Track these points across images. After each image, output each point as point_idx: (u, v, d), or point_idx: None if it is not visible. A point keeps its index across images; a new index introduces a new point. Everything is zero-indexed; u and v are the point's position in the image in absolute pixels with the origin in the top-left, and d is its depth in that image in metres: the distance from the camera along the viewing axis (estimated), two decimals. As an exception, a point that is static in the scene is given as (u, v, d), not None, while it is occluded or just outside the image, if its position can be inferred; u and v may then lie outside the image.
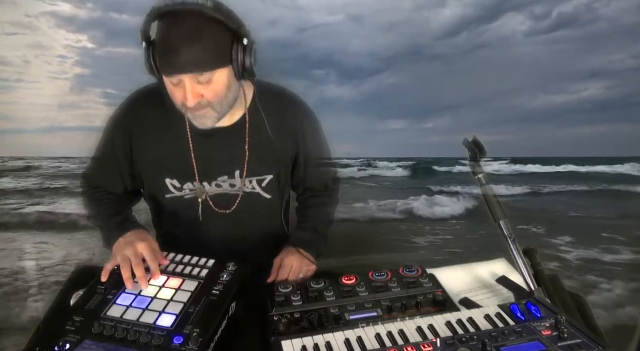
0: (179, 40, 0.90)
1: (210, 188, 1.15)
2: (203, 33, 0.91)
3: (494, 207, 1.02)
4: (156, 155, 1.12)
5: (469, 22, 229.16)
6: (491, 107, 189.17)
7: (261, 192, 1.18)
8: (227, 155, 1.13)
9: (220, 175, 1.14)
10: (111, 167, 1.16)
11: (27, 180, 14.33)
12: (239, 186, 1.15)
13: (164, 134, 1.12)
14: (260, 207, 1.20)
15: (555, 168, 21.73)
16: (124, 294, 0.91)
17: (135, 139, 1.12)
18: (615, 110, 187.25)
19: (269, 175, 1.17)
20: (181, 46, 0.90)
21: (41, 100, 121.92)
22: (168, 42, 0.91)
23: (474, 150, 1.07)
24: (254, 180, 1.16)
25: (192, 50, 0.91)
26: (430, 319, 0.85)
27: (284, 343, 0.80)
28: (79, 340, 0.79)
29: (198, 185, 1.13)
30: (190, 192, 1.15)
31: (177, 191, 1.15)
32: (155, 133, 1.12)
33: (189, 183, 1.14)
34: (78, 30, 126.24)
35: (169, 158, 1.12)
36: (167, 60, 0.93)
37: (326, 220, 1.30)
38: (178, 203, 1.16)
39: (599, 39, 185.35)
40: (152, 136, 1.12)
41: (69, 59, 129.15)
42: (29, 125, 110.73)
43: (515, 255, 1.00)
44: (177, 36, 0.90)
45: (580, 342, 0.76)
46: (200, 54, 0.92)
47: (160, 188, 1.15)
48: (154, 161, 1.13)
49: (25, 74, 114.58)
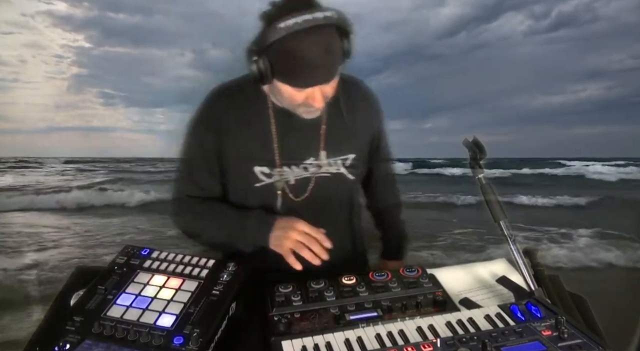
0: (316, 57, 0.92)
1: (298, 171, 1.17)
2: (334, 45, 0.94)
3: (494, 207, 1.02)
4: (244, 145, 1.15)
5: (467, 22, 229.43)
6: (490, 107, 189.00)
7: (345, 172, 1.20)
8: (311, 137, 1.16)
9: (307, 158, 1.17)
10: (208, 169, 1.17)
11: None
12: (325, 167, 1.18)
13: (249, 125, 1.14)
14: (343, 189, 1.24)
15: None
16: (123, 294, 0.91)
17: (224, 134, 1.14)
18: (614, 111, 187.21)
19: (351, 154, 1.20)
20: (318, 63, 0.93)
21: (38, 99, 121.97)
22: (308, 58, 0.92)
23: (474, 150, 1.07)
24: (338, 160, 1.19)
25: (328, 64, 0.95)
26: (430, 319, 0.85)
27: (284, 343, 0.80)
28: (79, 340, 0.79)
29: (287, 170, 1.16)
30: (280, 177, 1.17)
31: (267, 178, 1.16)
32: (242, 124, 1.14)
33: (278, 168, 1.16)
34: (74, 29, 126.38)
35: (256, 146, 1.15)
36: (304, 75, 0.95)
37: (403, 225, 1.42)
38: (268, 190, 1.17)
39: (599, 39, 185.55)
40: (240, 127, 1.14)
41: (65, 58, 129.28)
42: (26, 125, 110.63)
43: (515, 255, 1.00)
44: (314, 53, 0.91)
45: (580, 342, 0.76)
46: (333, 65, 0.97)
47: (249, 178, 1.16)
48: (242, 152, 1.15)
49: (22, 73, 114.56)
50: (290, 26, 0.88)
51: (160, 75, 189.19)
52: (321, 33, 0.91)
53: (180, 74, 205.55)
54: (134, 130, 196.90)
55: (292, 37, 0.89)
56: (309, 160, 1.17)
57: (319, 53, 0.92)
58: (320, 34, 0.91)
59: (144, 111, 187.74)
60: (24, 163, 23.11)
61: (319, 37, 0.91)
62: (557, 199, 10.56)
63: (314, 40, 0.91)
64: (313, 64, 0.93)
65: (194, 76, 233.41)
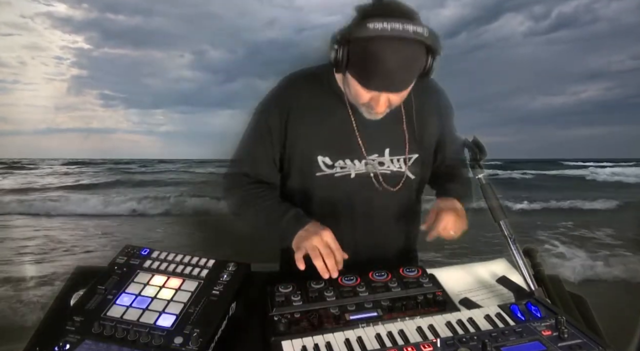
0: (391, 66, 0.93)
1: (359, 165, 1.18)
2: (416, 60, 0.96)
3: (494, 206, 1.02)
4: (311, 132, 1.16)
5: (468, 22, 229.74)
6: (490, 107, 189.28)
7: (407, 172, 1.21)
8: (378, 134, 1.17)
9: (371, 154, 1.17)
10: (269, 150, 1.19)
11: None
12: (387, 165, 1.19)
13: (320, 113, 1.16)
14: (407, 187, 1.22)
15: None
16: (123, 294, 0.91)
17: (292, 118, 1.15)
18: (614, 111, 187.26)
19: (414, 154, 1.20)
20: (395, 71, 0.94)
21: (38, 101, 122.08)
22: (384, 64, 0.93)
23: (474, 150, 1.07)
24: (401, 159, 1.19)
25: (404, 75, 0.97)
26: (430, 319, 0.85)
27: (284, 343, 0.80)
28: (79, 340, 0.79)
29: (349, 163, 1.16)
30: (341, 170, 1.17)
31: (328, 168, 1.17)
32: (312, 112, 1.16)
33: (340, 161, 1.16)
34: (74, 30, 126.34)
35: (322, 135, 1.16)
36: (376, 79, 0.97)
37: (466, 178, 1.27)
38: (328, 181, 1.18)
39: (599, 40, 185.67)
40: (309, 114, 1.16)
41: (65, 60, 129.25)
42: (26, 126, 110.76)
43: (515, 255, 1.00)
44: (391, 62, 0.93)
45: (580, 342, 0.76)
46: (408, 78, 0.99)
47: (311, 166, 1.17)
48: (308, 139, 1.16)
49: (22, 75, 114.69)
50: (379, 30, 0.90)
51: (160, 77, 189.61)
52: (405, 46, 0.92)
53: (180, 75, 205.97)
54: (134, 132, 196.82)
55: (376, 40, 0.91)
56: (373, 156, 1.17)
57: (396, 63, 0.93)
58: (404, 47, 0.92)
59: (144, 112, 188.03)
60: (24, 165, 23.12)
61: (402, 48, 0.92)
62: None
63: (395, 50, 0.92)
64: (387, 72, 0.94)
65: (193, 77, 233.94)
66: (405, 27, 0.90)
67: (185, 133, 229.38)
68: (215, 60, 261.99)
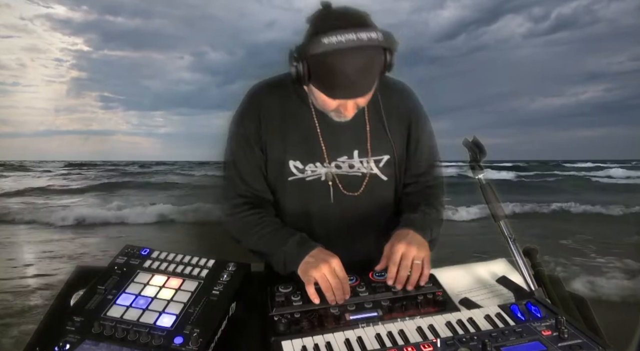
0: (353, 75, 0.94)
1: (329, 169, 1.18)
2: (375, 64, 0.97)
3: (494, 206, 1.03)
4: (281, 138, 1.17)
5: (467, 24, 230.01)
6: (489, 109, 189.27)
7: (379, 173, 1.20)
8: (346, 136, 1.17)
9: (340, 156, 1.18)
10: (255, 162, 1.18)
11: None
12: (357, 166, 1.19)
13: (287, 118, 1.17)
14: (379, 189, 1.22)
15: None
16: (123, 294, 0.91)
17: (263, 126, 1.17)
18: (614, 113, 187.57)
19: (385, 155, 1.20)
20: (354, 80, 0.95)
21: (37, 103, 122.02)
22: (345, 75, 0.94)
23: (474, 151, 1.07)
24: (371, 161, 1.19)
25: (365, 81, 0.98)
26: (430, 319, 0.85)
27: (284, 343, 0.80)
28: (78, 340, 0.79)
29: (319, 166, 1.17)
30: (312, 174, 1.18)
31: (300, 173, 1.18)
32: (280, 118, 1.17)
33: (311, 165, 1.17)
34: (73, 32, 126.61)
35: (292, 140, 1.16)
36: (340, 89, 0.98)
37: (436, 203, 1.23)
38: (300, 185, 1.18)
39: (598, 41, 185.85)
40: (277, 121, 1.17)
41: (64, 62, 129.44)
42: (26, 128, 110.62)
43: (515, 255, 1.00)
44: (351, 71, 0.93)
45: (580, 342, 0.76)
46: (370, 82, 1.00)
47: (283, 171, 1.18)
48: (279, 144, 1.17)
49: (21, 77, 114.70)
50: (334, 43, 0.90)
51: (159, 79, 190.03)
52: (362, 54, 0.93)
53: (179, 77, 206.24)
54: (134, 133, 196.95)
55: (332, 53, 0.91)
56: (342, 158, 1.18)
57: (356, 72, 0.94)
58: (361, 55, 0.93)
59: (144, 114, 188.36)
60: (24, 167, 23.11)
61: (359, 57, 0.93)
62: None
63: (353, 60, 0.93)
64: (349, 82, 0.95)
65: (193, 79, 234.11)
66: (359, 35, 0.91)
67: (185, 135, 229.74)
68: (214, 62, 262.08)
